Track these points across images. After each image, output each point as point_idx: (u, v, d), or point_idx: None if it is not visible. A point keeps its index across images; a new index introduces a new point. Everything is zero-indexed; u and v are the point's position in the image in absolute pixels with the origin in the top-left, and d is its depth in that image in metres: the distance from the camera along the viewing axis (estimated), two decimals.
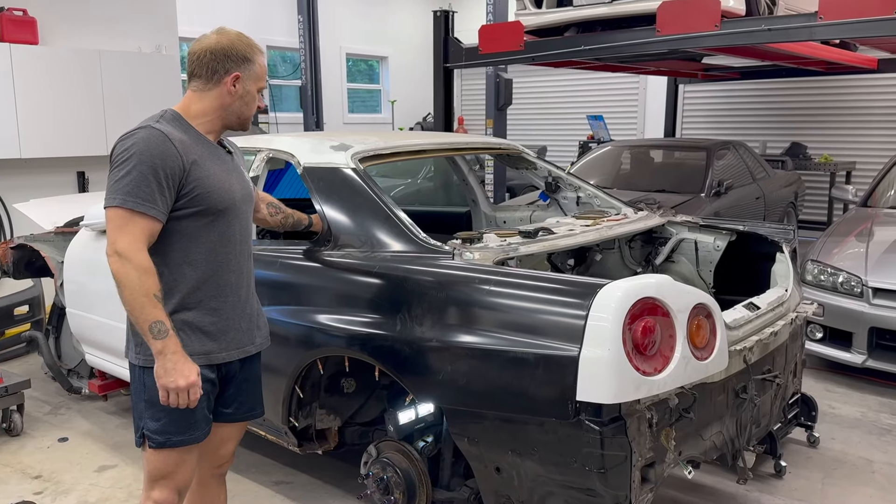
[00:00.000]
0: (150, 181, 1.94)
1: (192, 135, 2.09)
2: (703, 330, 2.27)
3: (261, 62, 2.15)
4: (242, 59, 2.10)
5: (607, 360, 2.06)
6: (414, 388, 2.46)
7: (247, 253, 2.24)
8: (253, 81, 2.13)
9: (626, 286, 2.15)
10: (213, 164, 2.11)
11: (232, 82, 2.08)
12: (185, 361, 1.96)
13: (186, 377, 1.95)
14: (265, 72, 2.18)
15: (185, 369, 1.95)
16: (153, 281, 1.94)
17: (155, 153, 1.95)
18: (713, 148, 7.29)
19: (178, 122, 2.09)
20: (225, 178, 2.12)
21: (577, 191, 3.87)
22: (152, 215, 1.95)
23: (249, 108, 2.16)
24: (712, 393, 2.46)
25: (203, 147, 2.10)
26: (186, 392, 1.95)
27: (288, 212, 2.77)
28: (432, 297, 2.47)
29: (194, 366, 1.99)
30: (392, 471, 2.72)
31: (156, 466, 2.12)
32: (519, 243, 2.76)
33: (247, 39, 2.14)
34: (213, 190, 2.07)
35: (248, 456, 3.80)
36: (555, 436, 2.18)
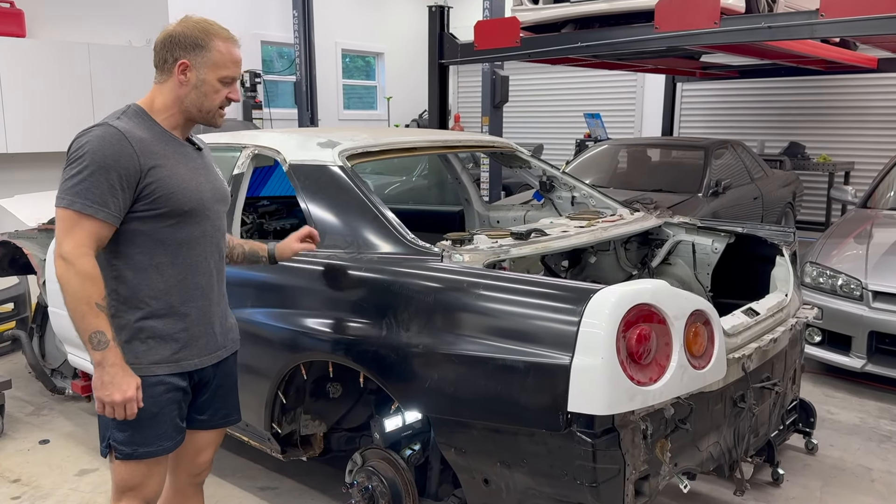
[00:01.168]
0: (101, 183, 1.84)
1: (155, 132, 1.98)
2: (700, 337, 2.18)
3: (220, 48, 1.97)
4: (192, 46, 1.95)
5: (600, 369, 1.97)
6: (399, 395, 2.37)
7: (219, 254, 2.15)
8: (209, 69, 1.97)
9: (620, 292, 2.06)
10: (178, 162, 1.99)
11: (180, 71, 1.96)
12: (123, 374, 1.87)
13: (123, 392, 1.86)
14: (229, 59, 1.99)
15: (123, 383, 1.86)
16: (96, 288, 1.84)
17: (108, 153, 1.85)
18: (711, 147, 7.21)
19: (142, 117, 1.98)
20: (191, 177, 2.01)
21: (572, 190, 3.78)
22: (101, 218, 1.85)
23: (209, 99, 2.00)
24: (710, 402, 2.37)
25: (167, 145, 1.99)
26: (123, 407, 1.87)
27: (235, 242, 2.43)
28: (419, 301, 2.37)
29: (134, 379, 1.90)
30: (377, 480, 2.63)
31: (123, 478, 2.02)
32: (510, 245, 2.67)
33: (205, 25, 1.99)
34: (177, 191, 1.95)
35: (232, 460, 3.71)
36: (545, 447, 2.09)
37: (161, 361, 1.98)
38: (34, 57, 6.13)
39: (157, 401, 1.98)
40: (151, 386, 1.97)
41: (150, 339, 1.97)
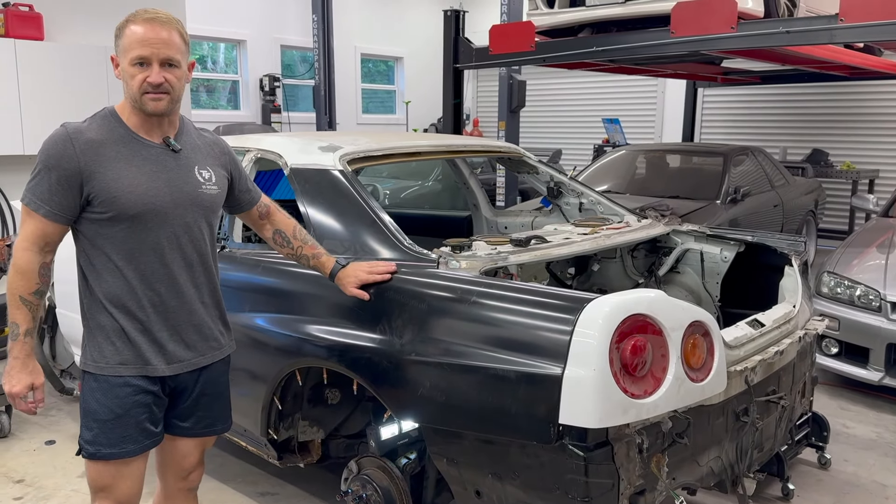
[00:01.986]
0: (44, 181, 1.88)
1: (117, 133, 1.95)
2: (699, 349, 2.12)
3: (128, 32, 1.91)
4: (116, 38, 1.95)
5: (593, 380, 1.91)
6: (392, 404, 2.33)
7: (190, 260, 2.05)
8: (123, 57, 1.92)
9: (614, 301, 2.00)
10: (131, 164, 1.93)
11: (115, 66, 1.97)
12: (21, 369, 1.91)
13: (12, 385, 1.90)
14: (134, 39, 1.90)
15: (15, 377, 1.91)
16: (25, 282, 1.88)
17: (52, 153, 1.88)
18: (730, 154, 7.11)
19: (109, 119, 1.97)
20: (143, 180, 1.94)
21: (580, 197, 3.72)
22: (42, 215, 1.88)
23: (129, 86, 1.92)
24: (710, 416, 2.30)
25: (126, 146, 1.95)
26: (14, 400, 1.93)
27: (298, 245, 2.36)
28: (413, 308, 2.33)
29: (30, 376, 1.92)
30: (372, 488, 2.59)
31: (92, 478, 2.03)
32: (509, 252, 2.62)
33: (132, 14, 1.95)
34: (121, 194, 1.90)
35: (234, 465, 3.70)
36: (537, 460, 2.04)
37: (127, 363, 1.96)
38: (52, 60, 6.20)
39: (123, 402, 1.96)
40: (117, 387, 1.96)
41: (117, 341, 1.96)
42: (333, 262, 2.39)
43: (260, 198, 2.35)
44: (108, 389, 1.95)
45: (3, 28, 5.96)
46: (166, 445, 2.16)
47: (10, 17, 5.97)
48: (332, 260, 2.40)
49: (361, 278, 2.37)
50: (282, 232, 2.37)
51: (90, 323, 1.99)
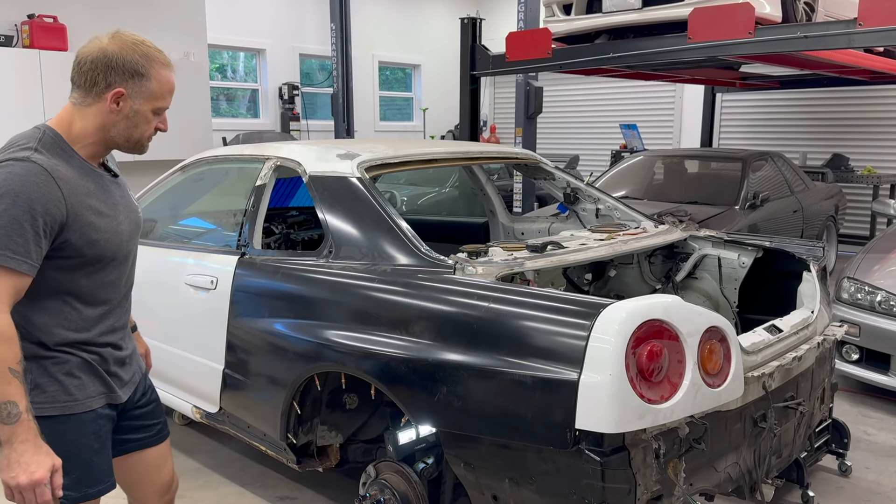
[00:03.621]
0: (24, 229, 1.60)
1: (75, 164, 1.75)
2: (715, 355, 2.12)
3: (160, 77, 1.77)
4: (132, 74, 1.73)
5: (609, 386, 1.92)
6: (409, 408, 2.35)
7: (129, 288, 1.99)
8: (145, 100, 1.77)
9: (630, 307, 2.01)
10: (100, 202, 1.78)
11: (113, 99, 1.73)
12: (35, 453, 1.59)
13: (31, 474, 1.57)
14: (167, 89, 1.80)
15: (33, 463, 1.58)
16: (11, 350, 1.59)
17: (35, 195, 1.61)
18: (749, 159, 7.07)
19: (59, 147, 1.74)
20: (112, 217, 1.81)
21: (597, 202, 3.73)
22: (23, 271, 1.63)
23: (139, 130, 1.80)
24: (727, 422, 2.30)
25: (89, 180, 1.77)
26: (32, 491, 1.59)
27: None
28: (429, 313, 2.36)
29: (49, 458, 1.62)
30: (389, 493, 2.61)
31: None
32: (525, 258, 2.63)
33: (145, 49, 1.76)
34: (99, 240, 1.76)
35: (253, 469, 3.73)
36: (553, 465, 2.05)
37: (95, 395, 1.84)
38: None
39: (99, 436, 1.85)
40: (90, 422, 1.83)
41: (81, 374, 1.82)
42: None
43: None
44: (81, 427, 1.81)
45: (27, 39, 6.08)
46: (136, 466, 2.08)
47: (35, 29, 6.09)
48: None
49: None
50: None
51: (45, 363, 1.77)
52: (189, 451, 3.94)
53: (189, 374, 3.36)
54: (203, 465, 3.79)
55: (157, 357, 3.60)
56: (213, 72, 11.71)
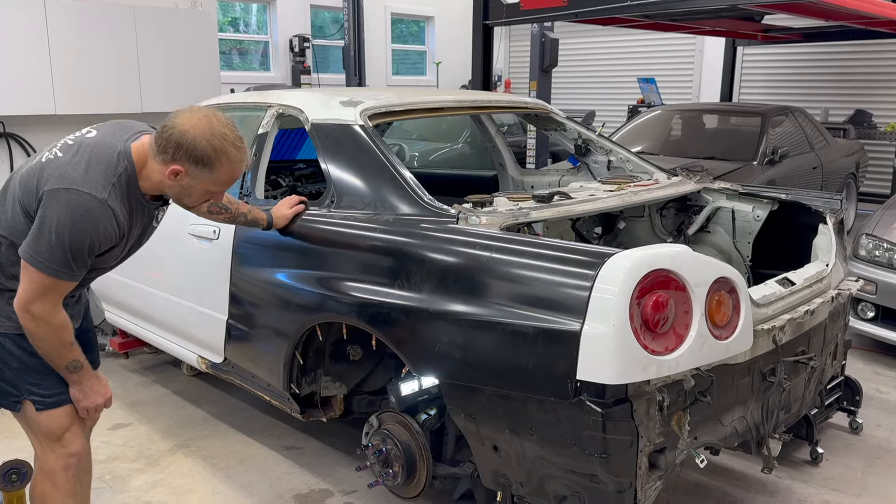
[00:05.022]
0: (83, 256, 1.93)
1: (134, 198, 2.00)
2: (724, 307, 2.05)
3: (224, 171, 1.93)
4: (196, 161, 1.89)
5: (611, 336, 1.87)
6: (410, 359, 2.32)
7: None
8: (201, 183, 1.95)
9: (636, 256, 1.95)
10: (132, 230, 2.06)
11: (172, 173, 1.92)
12: (97, 381, 2.14)
13: (104, 394, 2.15)
14: (227, 180, 1.98)
15: (102, 388, 2.15)
16: (69, 332, 2.01)
17: (101, 234, 1.92)
18: (769, 114, 6.90)
19: (129, 184, 1.97)
20: (130, 243, 2.10)
21: (609, 154, 3.63)
22: (74, 281, 1.97)
23: (190, 199, 2.04)
24: (735, 375, 2.24)
25: (138, 210, 2.03)
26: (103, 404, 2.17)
27: (235, 210, 2.58)
28: (431, 263, 2.30)
29: (104, 378, 2.18)
30: (392, 443, 2.60)
31: (59, 424, 2.11)
32: (531, 208, 2.56)
33: (221, 142, 1.89)
34: (110, 261, 2.09)
35: (260, 419, 3.75)
36: (554, 416, 2.01)
37: None
38: (81, 18, 6.20)
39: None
40: None
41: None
42: (265, 213, 2.69)
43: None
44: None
45: None
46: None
47: None
48: (264, 214, 2.68)
49: (287, 214, 2.71)
50: (217, 203, 2.50)
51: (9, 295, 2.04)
52: (196, 401, 3.96)
53: (194, 325, 3.35)
54: (210, 414, 3.81)
55: (164, 308, 3.62)
56: (226, 25, 11.54)
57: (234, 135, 1.92)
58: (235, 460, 3.35)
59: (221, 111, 3.57)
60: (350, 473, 3.20)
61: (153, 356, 4.58)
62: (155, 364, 4.49)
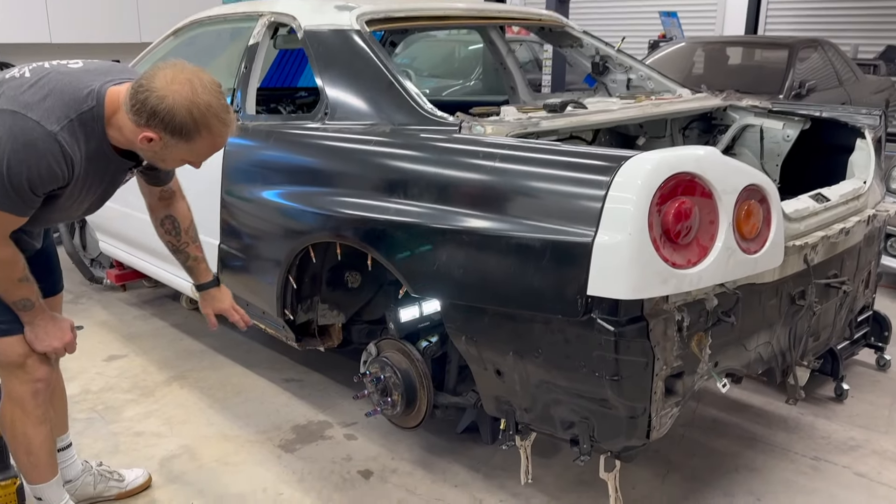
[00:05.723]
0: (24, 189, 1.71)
1: (95, 145, 1.76)
2: (754, 217, 1.85)
3: (204, 144, 1.70)
4: (173, 131, 1.65)
5: (627, 246, 1.67)
6: (408, 278, 2.14)
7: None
8: (180, 151, 1.72)
9: (657, 158, 1.74)
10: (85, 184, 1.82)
11: (146, 139, 1.68)
12: (53, 324, 1.97)
13: (61, 338, 1.98)
14: (207, 151, 1.75)
15: (58, 330, 1.97)
16: (17, 268, 1.84)
17: (44, 173, 1.69)
18: (796, 46, 6.58)
19: (93, 127, 1.74)
20: (77, 196, 1.85)
21: (628, 72, 3.37)
22: (22, 215, 1.78)
23: (164, 164, 1.84)
24: (762, 296, 2.05)
25: (97, 162, 1.80)
26: (63, 348, 2.00)
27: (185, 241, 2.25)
28: (430, 175, 2.11)
29: (65, 321, 2.01)
30: (391, 371, 2.45)
31: (15, 351, 1.96)
32: (541, 118, 2.35)
33: (201, 113, 1.63)
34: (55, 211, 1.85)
35: (260, 352, 3.62)
36: (562, 336, 1.84)
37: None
38: None
39: None
40: None
41: None
42: (212, 276, 2.35)
43: (168, 179, 2.17)
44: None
45: None
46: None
47: None
48: (210, 273, 2.35)
49: (223, 308, 2.35)
50: (175, 220, 2.22)
51: None
52: (195, 334, 3.84)
53: None
54: (208, 347, 3.69)
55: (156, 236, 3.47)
56: None
57: (218, 103, 1.67)
58: (233, 392, 3.24)
59: (212, 25, 3.40)
60: (350, 406, 3.07)
61: (152, 290, 4.45)
62: (154, 298, 4.37)
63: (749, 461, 2.70)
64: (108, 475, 2.43)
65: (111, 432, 2.89)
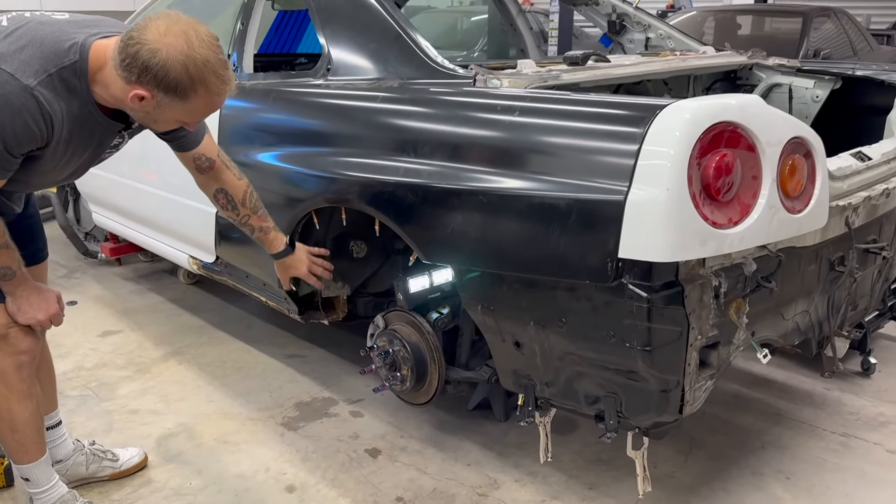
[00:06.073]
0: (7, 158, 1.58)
1: (79, 104, 1.61)
2: (798, 174, 1.69)
3: (200, 104, 1.56)
4: (167, 89, 1.50)
5: (665, 203, 1.51)
6: (418, 244, 1.98)
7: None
8: (173, 111, 1.58)
9: (696, 106, 1.58)
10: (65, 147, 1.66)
11: (136, 97, 1.53)
12: (38, 294, 1.83)
13: (46, 310, 1.84)
14: (204, 112, 1.62)
15: (42, 301, 1.83)
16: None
17: (20, 133, 1.54)
18: (811, 14, 6.39)
19: (76, 83, 1.58)
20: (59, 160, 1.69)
21: (647, 30, 3.20)
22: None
23: (156, 125, 1.70)
24: (801, 260, 1.90)
25: (81, 124, 1.64)
26: (49, 322, 1.86)
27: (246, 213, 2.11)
28: (443, 132, 1.95)
29: (51, 292, 1.86)
30: (399, 344, 2.31)
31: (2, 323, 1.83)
32: (562, 70, 2.18)
33: (197, 69, 1.49)
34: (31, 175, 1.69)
35: (261, 327, 3.49)
36: (589, 304, 1.69)
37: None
38: None
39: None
40: None
41: None
42: (284, 243, 2.21)
43: (195, 145, 1.98)
44: None
45: None
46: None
47: None
48: (283, 241, 2.21)
49: (300, 274, 2.27)
50: (227, 193, 2.08)
51: None
52: (193, 309, 3.70)
53: (184, 222, 3.05)
54: (207, 322, 3.55)
55: (151, 205, 3.31)
56: None
57: (216, 58, 1.53)
58: (233, 368, 3.10)
59: None
60: (355, 382, 2.94)
61: (149, 264, 4.31)
62: (150, 272, 4.22)
63: (775, 438, 2.57)
64: (102, 455, 2.30)
65: (105, 410, 2.75)
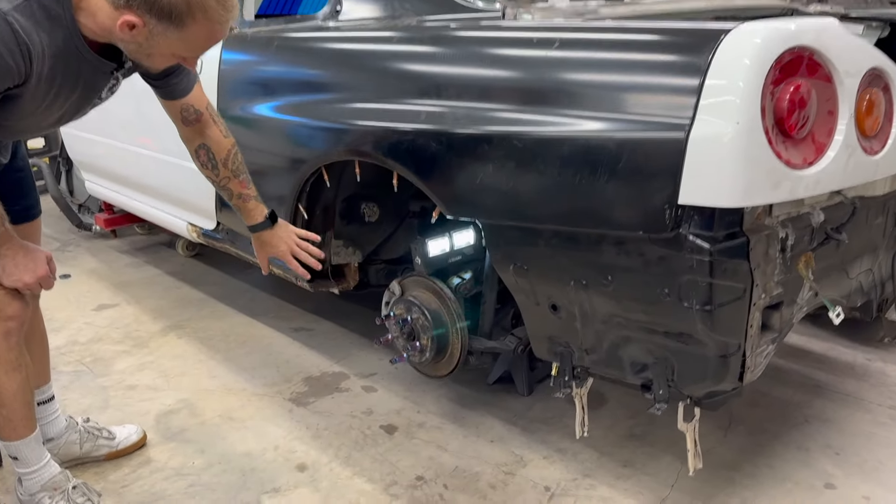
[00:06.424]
0: None
1: (59, 37, 1.42)
2: (876, 110, 1.50)
3: (200, 34, 1.40)
4: (160, 15, 1.34)
5: (734, 140, 1.32)
6: (442, 198, 1.79)
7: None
8: (169, 43, 1.40)
9: (768, 28, 1.37)
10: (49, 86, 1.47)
11: (127, 25, 1.36)
12: (25, 254, 1.64)
13: (33, 271, 1.65)
14: (204, 44, 1.44)
15: (29, 262, 1.65)
16: None
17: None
18: None
19: (58, 11, 1.40)
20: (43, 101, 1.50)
21: None
22: None
23: (150, 60, 1.49)
24: (868, 212, 1.72)
25: (66, 60, 1.45)
26: (38, 284, 1.67)
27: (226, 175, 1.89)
28: (470, 73, 1.75)
29: (40, 252, 1.67)
30: (418, 311, 2.12)
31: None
32: (600, 4, 1.98)
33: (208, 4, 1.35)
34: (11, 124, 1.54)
35: (266, 301, 3.31)
36: (640, 259, 1.50)
37: None
38: None
39: None
40: None
41: None
42: (263, 215, 1.95)
43: (184, 93, 1.78)
44: None
45: None
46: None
47: None
48: (263, 213, 1.95)
49: (278, 253, 1.99)
50: (209, 150, 1.86)
51: None
52: (194, 282, 3.52)
53: (182, 186, 2.85)
54: (209, 295, 3.37)
55: (147, 169, 3.11)
56: None
57: None
58: (237, 342, 2.92)
59: None
60: (367, 356, 2.76)
61: (146, 237, 4.12)
62: (147, 245, 4.04)
63: (818, 411, 2.40)
64: (97, 433, 2.12)
65: (100, 386, 2.57)
